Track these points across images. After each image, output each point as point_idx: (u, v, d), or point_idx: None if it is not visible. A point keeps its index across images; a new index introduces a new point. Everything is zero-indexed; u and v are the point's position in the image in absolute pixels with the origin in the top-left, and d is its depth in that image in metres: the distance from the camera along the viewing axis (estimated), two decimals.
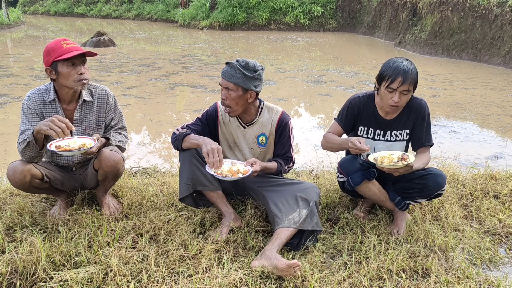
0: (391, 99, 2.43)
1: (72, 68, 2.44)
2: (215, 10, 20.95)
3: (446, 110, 6.44)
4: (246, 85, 2.44)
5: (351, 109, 2.64)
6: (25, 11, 33.59)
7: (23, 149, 2.41)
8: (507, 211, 2.85)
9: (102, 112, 2.69)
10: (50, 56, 2.42)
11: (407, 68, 2.38)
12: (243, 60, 2.45)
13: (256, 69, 2.46)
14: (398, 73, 2.37)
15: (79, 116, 2.62)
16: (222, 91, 2.49)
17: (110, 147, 2.60)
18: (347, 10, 19.80)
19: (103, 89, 2.71)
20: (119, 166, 2.57)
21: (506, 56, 10.22)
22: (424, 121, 2.60)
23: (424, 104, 2.61)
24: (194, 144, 2.47)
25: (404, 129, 2.63)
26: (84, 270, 2.07)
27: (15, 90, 7.48)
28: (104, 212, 2.67)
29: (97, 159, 2.55)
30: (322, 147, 2.71)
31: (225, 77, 2.46)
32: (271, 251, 2.17)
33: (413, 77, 2.40)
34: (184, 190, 2.54)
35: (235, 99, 2.46)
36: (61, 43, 2.43)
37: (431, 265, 2.20)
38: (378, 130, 2.64)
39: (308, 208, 2.37)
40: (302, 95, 7.59)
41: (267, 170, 2.58)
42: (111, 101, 2.71)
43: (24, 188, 2.50)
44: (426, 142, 2.62)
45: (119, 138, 2.72)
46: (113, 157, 2.52)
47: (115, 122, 2.77)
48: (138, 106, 6.56)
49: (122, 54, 12.38)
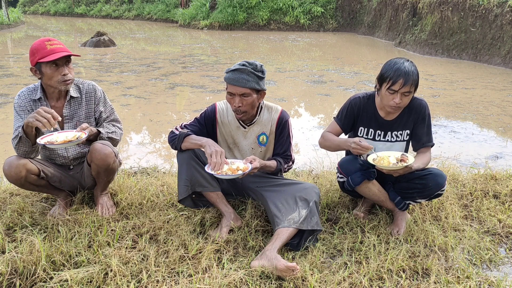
0: (392, 100, 2.42)
1: (55, 69, 2.47)
2: (215, 10, 20.95)
3: (446, 110, 6.44)
4: (261, 87, 2.44)
5: (351, 110, 2.63)
6: (25, 11, 33.59)
7: (16, 144, 2.47)
8: (507, 211, 2.85)
9: (91, 107, 2.71)
10: (34, 57, 2.45)
11: (408, 70, 2.36)
12: (249, 63, 2.42)
13: (263, 69, 2.46)
14: (400, 75, 2.35)
15: (68, 112, 2.65)
16: (235, 98, 2.42)
17: (102, 141, 2.61)
18: (347, 10, 19.80)
19: (90, 84, 2.74)
20: (109, 160, 2.56)
21: (506, 56, 10.21)
22: (425, 121, 2.60)
23: (425, 104, 2.60)
24: (196, 145, 2.47)
25: (404, 130, 2.63)
26: (84, 270, 2.07)
27: (15, 90, 7.48)
28: (96, 211, 2.68)
29: (89, 153, 2.58)
30: (320, 146, 2.71)
31: (239, 84, 2.38)
32: (271, 251, 2.17)
33: (414, 78, 2.38)
34: (183, 192, 2.54)
35: (251, 104, 2.45)
36: (45, 43, 2.44)
37: (431, 265, 2.20)
38: (378, 130, 2.63)
39: (308, 208, 2.37)
40: (302, 95, 7.59)
41: (266, 168, 2.57)
42: (99, 95, 2.73)
43: (20, 184, 2.51)
44: (426, 142, 2.62)
45: (112, 129, 2.71)
46: (104, 150, 2.53)
47: (107, 115, 2.77)
48: (138, 106, 6.56)
49: (122, 54, 12.38)
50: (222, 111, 2.63)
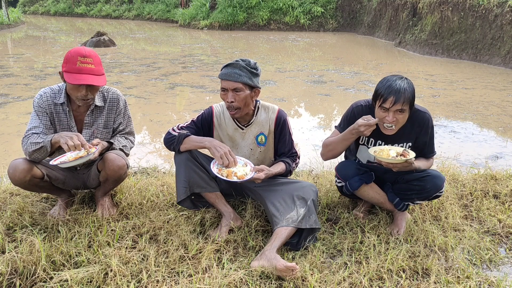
0: (385, 118, 2.36)
1: (76, 87, 2.41)
2: (215, 10, 20.96)
3: (446, 110, 6.44)
4: (254, 83, 2.44)
5: (353, 118, 2.52)
6: (25, 11, 33.61)
7: (33, 150, 2.40)
8: (507, 211, 2.85)
9: (111, 116, 2.69)
10: (64, 65, 2.40)
11: (400, 87, 2.30)
12: (243, 60, 2.44)
13: (257, 66, 2.47)
14: (390, 92, 2.29)
15: (90, 120, 2.63)
16: (228, 94, 2.41)
17: (116, 151, 2.60)
18: (347, 10, 19.81)
19: (115, 93, 2.71)
20: (121, 172, 2.56)
21: (506, 56, 10.22)
22: (427, 134, 2.54)
23: (428, 117, 2.52)
24: (197, 146, 2.46)
25: (406, 142, 2.56)
26: (84, 270, 2.07)
27: (15, 90, 7.48)
28: (97, 212, 2.68)
29: (102, 161, 2.56)
30: (323, 157, 2.62)
31: (231, 78, 2.39)
32: (270, 251, 2.17)
33: (407, 96, 2.30)
34: (182, 194, 2.54)
35: (244, 99, 2.43)
36: (78, 58, 2.36)
37: (431, 265, 2.20)
38: (379, 140, 2.57)
39: (306, 207, 2.37)
40: (302, 95, 7.59)
41: (278, 174, 2.57)
42: (121, 106, 2.71)
43: (23, 186, 2.50)
44: (428, 153, 2.59)
45: (123, 143, 2.71)
46: (118, 162, 2.52)
47: (123, 127, 2.77)
48: (138, 106, 6.56)
49: (122, 54, 12.38)
50: (219, 113, 2.63)
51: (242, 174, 2.37)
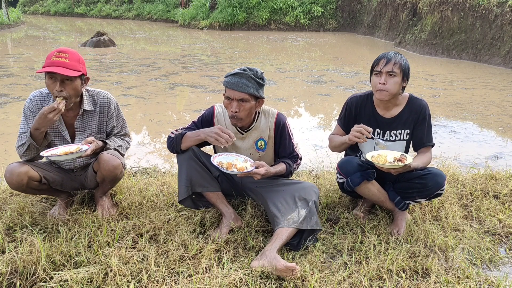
0: (378, 82, 2.50)
1: (51, 82, 2.38)
2: (215, 10, 20.96)
3: (446, 110, 6.44)
4: (260, 94, 2.40)
5: (349, 109, 2.68)
6: (25, 11, 33.59)
7: (24, 152, 2.43)
8: (507, 211, 2.85)
9: (103, 120, 2.68)
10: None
11: (391, 54, 2.54)
12: (250, 69, 2.39)
13: (263, 77, 2.44)
14: (382, 57, 2.54)
15: (80, 124, 2.61)
16: (233, 103, 2.37)
17: (111, 151, 2.59)
18: (347, 10, 19.81)
19: (105, 96, 2.67)
20: (117, 172, 2.55)
21: (506, 56, 10.22)
22: (425, 121, 2.61)
23: (425, 104, 2.63)
24: (195, 140, 2.46)
25: (404, 129, 2.63)
26: (84, 270, 2.07)
27: (15, 90, 7.49)
28: (97, 212, 2.68)
29: (97, 162, 2.55)
30: (331, 150, 2.78)
31: (238, 89, 2.34)
32: (270, 252, 2.17)
33: (398, 60, 2.49)
34: (183, 192, 2.53)
35: (248, 110, 2.41)
36: (54, 54, 2.36)
37: (431, 265, 2.20)
38: (377, 129, 2.64)
39: (307, 208, 2.37)
40: (302, 95, 7.59)
41: (277, 174, 2.57)
42: (112, 109, 2.68)
43: (21, 190, 2.49)
44: (427, 142, 2.63)
45: (119, 143, 2.70)
46: (112, 162, 2.51)
47: (118, 130, 2.76)
48: (138, 106, 6.56)
49: (122, 54, 12.38)
50: (220, 114, 2.62)
51: (242, 166, 2.39)
